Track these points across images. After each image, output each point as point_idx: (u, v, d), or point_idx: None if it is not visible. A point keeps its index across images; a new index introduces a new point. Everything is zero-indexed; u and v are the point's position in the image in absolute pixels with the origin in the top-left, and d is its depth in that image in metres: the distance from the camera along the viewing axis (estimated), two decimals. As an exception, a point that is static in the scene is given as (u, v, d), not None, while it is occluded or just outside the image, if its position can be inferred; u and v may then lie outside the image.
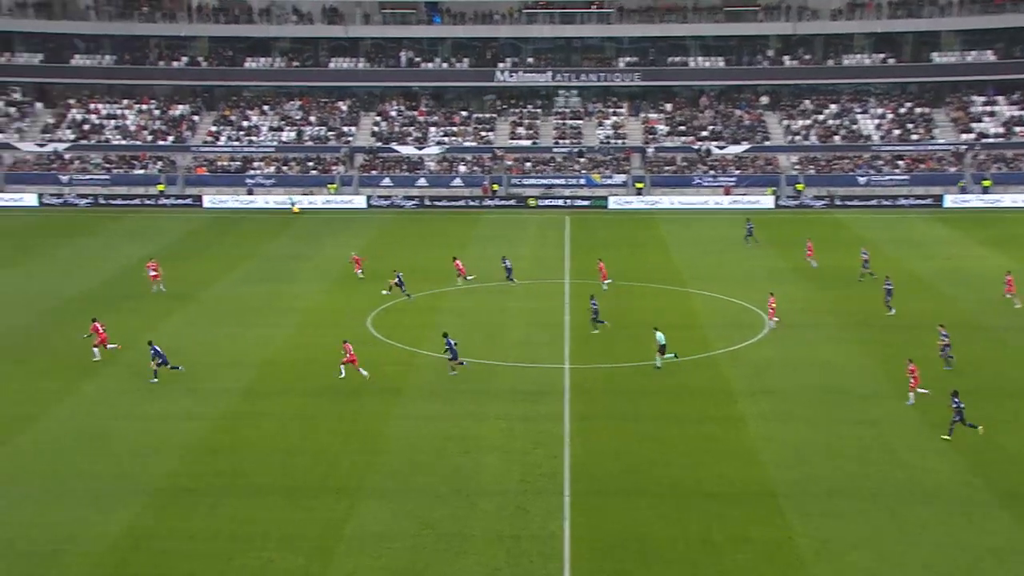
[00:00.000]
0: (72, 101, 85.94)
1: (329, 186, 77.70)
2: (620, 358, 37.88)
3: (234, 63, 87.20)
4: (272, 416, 32.48)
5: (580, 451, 29.73)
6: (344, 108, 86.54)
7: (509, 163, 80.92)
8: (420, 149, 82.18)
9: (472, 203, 75.74)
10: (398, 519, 25.64)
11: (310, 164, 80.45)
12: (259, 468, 28.45)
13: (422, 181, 78.77)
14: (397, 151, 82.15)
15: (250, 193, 76.79)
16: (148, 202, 75.15)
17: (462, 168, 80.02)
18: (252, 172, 79.47)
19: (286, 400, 33.95)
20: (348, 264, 52.37)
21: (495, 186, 77.94)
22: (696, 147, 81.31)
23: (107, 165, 79.44)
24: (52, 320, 43.28)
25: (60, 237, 62.74)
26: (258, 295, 48.09)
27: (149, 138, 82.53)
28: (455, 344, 36.30)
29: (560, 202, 76.16)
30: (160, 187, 76.63)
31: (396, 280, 46.92)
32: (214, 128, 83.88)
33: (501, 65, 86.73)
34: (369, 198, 76.06)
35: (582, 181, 78.57)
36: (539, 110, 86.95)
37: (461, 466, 28.71)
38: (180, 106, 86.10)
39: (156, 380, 34.98)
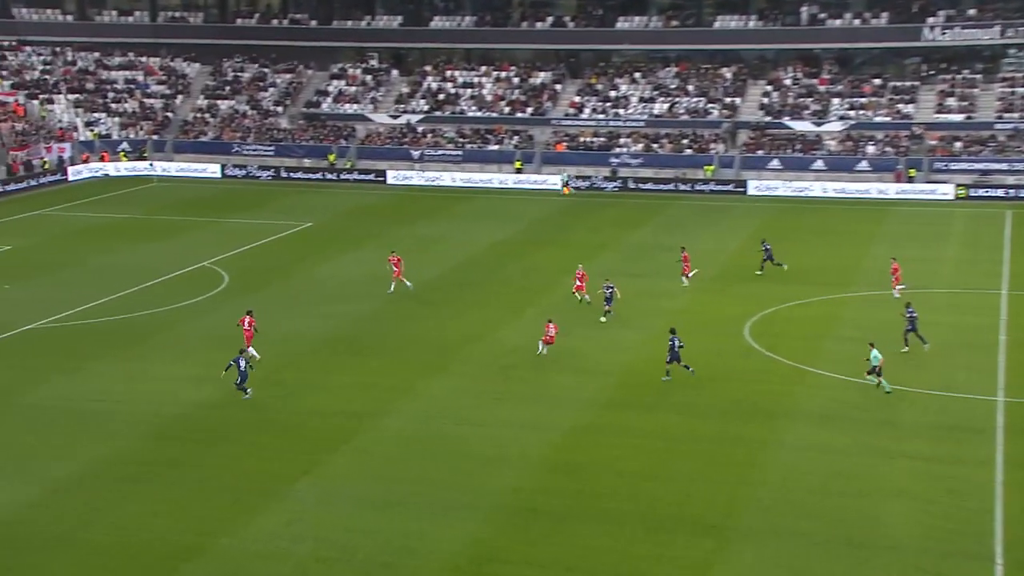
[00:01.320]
0: (428, 68, 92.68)
1: (706, 167, 77.87)
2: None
3: (604, 23, 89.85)
4: (629, 433, 33.03)
5: (1018, 508, 27.56)
6: (728, 76, 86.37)
7: (932, 143, 76.76)
8: (818, 125, 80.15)
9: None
10: (771, 568, 25.11)
11: (684, 141, 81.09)
12: (611, 492, 29.00)
13: (819, 164, 76.77)
14: (790, 127, 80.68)
15: (614, 174, 78.68)
16: (501, 184, 79.18)
17: (870, 149, 77.04)
18: (618, 150, 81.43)
19: (646, 416, 34.41)
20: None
21: (912, 171, 74.30)
22: None
23: (460, 139, 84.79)
24: (394, 311, 46.82)
25: (406, 218, 67.79)
26: (618, 292, 49.08)
27: (506, 109, 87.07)
28: (680, 347, 36.68)
29: (999, 192, 71.20)
30: (517, 164, 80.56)
31: (606, 292, 44.31)
32: (577, 99, 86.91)
33: (931, 20, 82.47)
34: (749, 183, 75.51)
35: (1031, 166, 73.04)
36: (978, 76, 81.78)
37: (854, 511, 27.67)
38: (541, 73, 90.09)
39: (248, 395, 35.52)
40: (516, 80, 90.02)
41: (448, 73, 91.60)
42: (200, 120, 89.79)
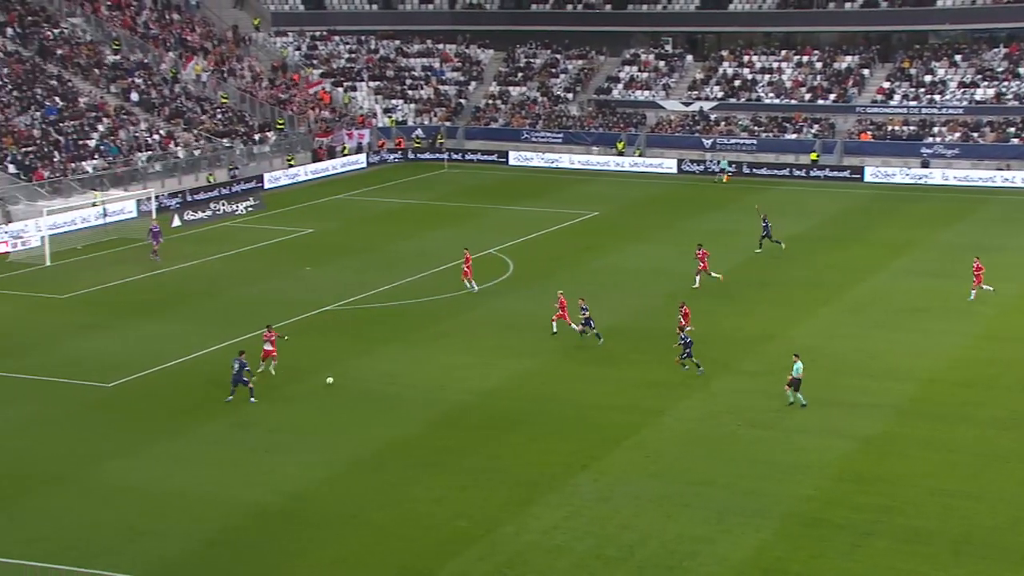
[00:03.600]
0: (725, 53, 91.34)
1: (1030, 159, 73.30)
2: None
3: (921, 2, 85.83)
4: (936, 446, 31.69)
5: None
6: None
7: None
8: None
9: None
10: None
11: (1011, 130, 76.38)
12: (915, 508, 27.86)
13: None
14: None
15: (925, 166, 75.25)
16: (798, 172, 77.17)
17: None
18: (930, 140, 77.74)
19: (957, 429, 32.93)
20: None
21: None
22: None
23: (755, 127, 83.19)
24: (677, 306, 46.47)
25: (694, 209, 67.16)
26: (925, 293, 47.26)
27: (807, 96, 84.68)
28: (691, 342, 36.93)
29: None
30: (813, 156, 78.30)
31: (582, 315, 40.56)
32: (887, 84, 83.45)
33: None
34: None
35: None
36: None
37: None
38: (848, 57, 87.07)
39: (231, 399, 35.45)
40: (819, 65, 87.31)
41: (746, 58, 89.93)
42: (491, 107, 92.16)
